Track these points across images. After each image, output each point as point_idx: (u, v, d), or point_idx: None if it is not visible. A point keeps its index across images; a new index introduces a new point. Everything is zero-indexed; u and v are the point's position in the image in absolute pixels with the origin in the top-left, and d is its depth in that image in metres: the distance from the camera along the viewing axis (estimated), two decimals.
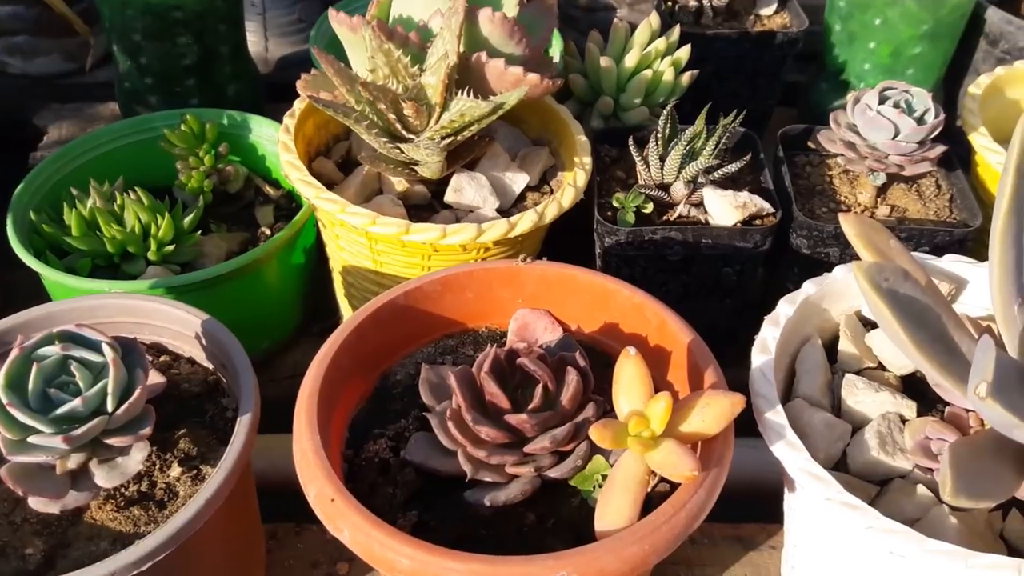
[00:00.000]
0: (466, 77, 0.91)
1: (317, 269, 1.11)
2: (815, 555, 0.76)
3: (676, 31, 1.09)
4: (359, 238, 0.92)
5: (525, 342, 0.81)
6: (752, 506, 0.90)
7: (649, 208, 0.97)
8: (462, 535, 0.68)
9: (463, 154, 0.95)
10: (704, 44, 1.20)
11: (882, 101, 0.94)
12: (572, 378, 0.70)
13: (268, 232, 1.09)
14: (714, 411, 0.66)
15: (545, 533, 0.69)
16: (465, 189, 0.96)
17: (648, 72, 1.05)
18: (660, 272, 0.98)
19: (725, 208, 0.94)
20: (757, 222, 0.96)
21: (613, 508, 0.65)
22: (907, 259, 0.65)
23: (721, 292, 0.99)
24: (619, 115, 1.10)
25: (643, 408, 0.66)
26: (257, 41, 1.52)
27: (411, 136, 0.90)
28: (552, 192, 1.00)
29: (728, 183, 1.02)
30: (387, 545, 0.61)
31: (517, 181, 0.99)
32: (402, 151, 0.89)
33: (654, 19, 1.08)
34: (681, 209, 0.97)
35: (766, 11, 1.27)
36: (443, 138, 0.89)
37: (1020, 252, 0.62)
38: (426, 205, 0.98)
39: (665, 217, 0.98)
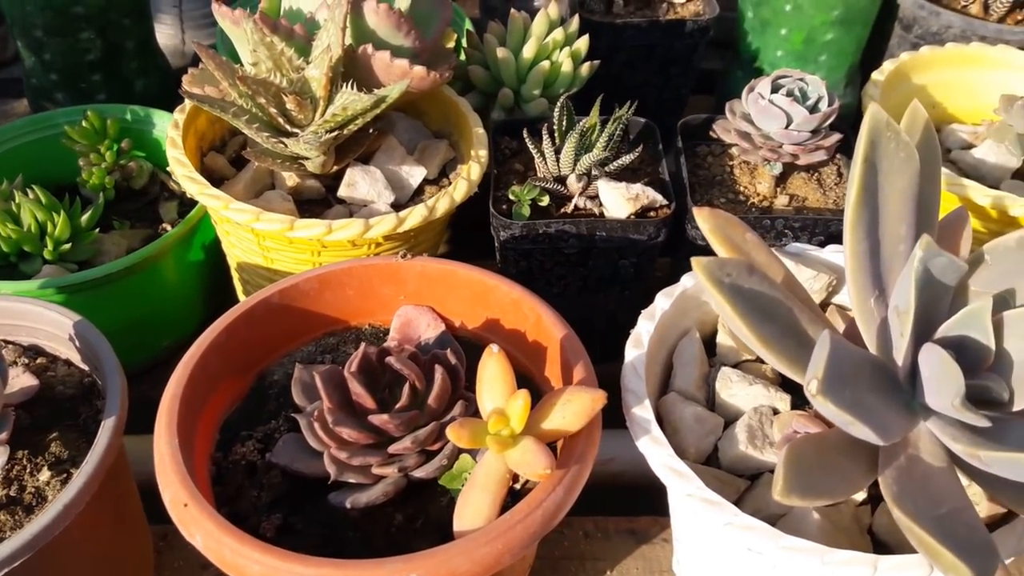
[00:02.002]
0: (354, 70, 0.90)
1: (220, 265, 1.09)
2: (693, 550, 0.76)
3: (575, 21, 1.08)
4: (247, 234, 0.91)
5: (407, 339, 0.81)
6: (651, 499, 0.89)
7: (545, 201, 0.96)
8: (328, 537, 0.68)
9: (354, 148, 0.93)
10: (614, 33, 1.19)
11: (776, 90, 0.94)
12: (439, 376, 0.69)
13: (169, 228, 1.08)
14: (575, 408, 0.66)
15: (413, 534, 0.68)
16: (359, 183, 0.95)
17: (546, 63, 1.04)
18: (558, 265, 0.97)
19: (618, 200, 0.93)
20: (652, 214, 0.95)
21: (471, 508, 0.64)
22: (764, 252, 0.65)
23: (620, 284, 0.99)
24: (521, 107, 1.09)
25: (504, 406, 0.66)
26: (174, 34, 1.50)
27: (296, 130, 0.89)
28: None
29: (628, 175, 1.01)
30: (237, 551, 0.61)
31: (414, 175, 0.98)
32: (286, 145, 0.88)
33: (552, 9, 1.06)
34: (578, 202, 0.96)
35: None
36: (328, 132, 0.88)
37: (876, 243, 0.61)
38: (321, 200, 0.97)
39: (563, 210, 0.97)
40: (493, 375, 0.67)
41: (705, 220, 0.65)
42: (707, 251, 0.96)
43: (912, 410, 0.60)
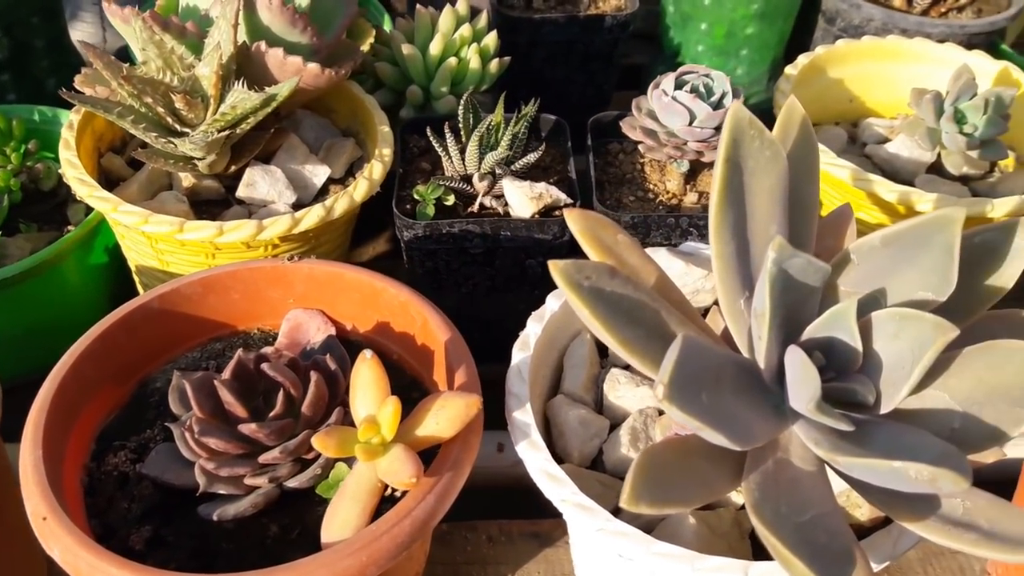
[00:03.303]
0: (250, 68, 0.88)
1: (124, 268, 1.07)
2: (582, 554, 0.75)
3: (483, 17, 1.07)
4: (140, 237, 0.89)
5: (296, 343, 0.79)
6: None
7: (451, 200, 0.94)
8: (200, 550, 0.66)
9: (250, 147, 0.91)
10: (532, 29, 1.18)
11: (680, 86, 0.93)
12: (313, 383, 0.67)
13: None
14: (449, 414, 0.64)
15: (288, 545, 0.66)
16: (258, 183, 0.93)
17: (453, 60, 1.03)
18: (465, 265, 0.95)
19: (522, 200, 0.91)
20: (557, 213, 0.94)
21: (339, 518, 0.62)
22: (636, 254, 0.64)
23: (529, 284, 0.97)
24: (432, 104, 1.07)
25: (376, 413, 0.64)
26: (95, 32, 1.47)
27: (187, 130, 0.87)
28: None
29: (539, 173, 1.00)
30: (95, 566, 0.59)
31: (318, 174, 0.96)
32: (176, 146, 0.86)
33: (461, 5, 1.05)
34: (483, 201, 0.95)
35: None
36: (219, 131, 0.86)
37: (744, 243, 0.60)
38: (221, 200, 0.95)
39: (469, 209, 0.95)
40: (366, 381, 0.65)
41: (575, 221, 0.63)
42: None
43: (782, 413, 0.59)
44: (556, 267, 0.55)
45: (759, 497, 0.55)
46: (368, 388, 0.65)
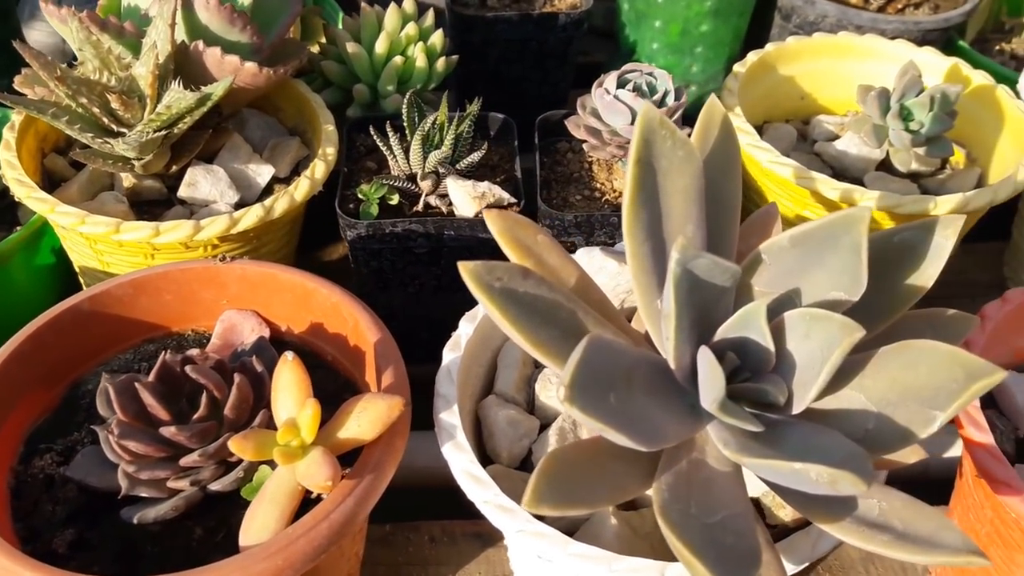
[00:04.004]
0: (189, 67, 0.88)
1: (72, 269, 1.06)
2: (514, 555, 0.75)
3: (429, 16, 1.06)
4: (79, 238, 0.88)
5: (229, 345, 0.79)
6: None
7: (396, 199, 0.94)
8: (125, 552, 0.66)
9: (190, 147, 0.91)
10: (485, 28, 1.18)
11: (623, 85, 0.92)
12: (235, 386, 0.67)
13: None
14: (370, 416, 0.64)
15: (213, 547, 0.66)
16: (200, 183, 0.92)
17: (399, 59, 1.02)
18: (410, 265, 0.95)
19: (465, 199, 0.91)
20: None
21: (258, 521, 0.62)
22: (556, 254, 0.63)
23: None
24: (380, 103, 1.06)
25: (296, 416, 0.64)
26: (52, 33, 1.46)
27: (124, 130, 0.86)
28: None
29: (487, 172, 1.00)
30: (9, 570, 0.59)
31: (261, 173, 0.96)
32: (113, 146, 0.85)
33: (408, 4, 1.04)
34: (428, 200, 0.94)
35: None
36: (155, 131, 0.85)
37: (660, 243, 0.60)
38: (163, 201, 0.95)
39: (415, 209, 0.95)
40: (287, 384, 0.65)
41: (493, 222, 0.63)
42: None
43: (697, 414, 0.58)
44: (466, 268, 0.55)
45: (668, 498, 0.54)
46: (289, 390, 0.65)
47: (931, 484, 0.81)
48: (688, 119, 0.92)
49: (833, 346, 0.52)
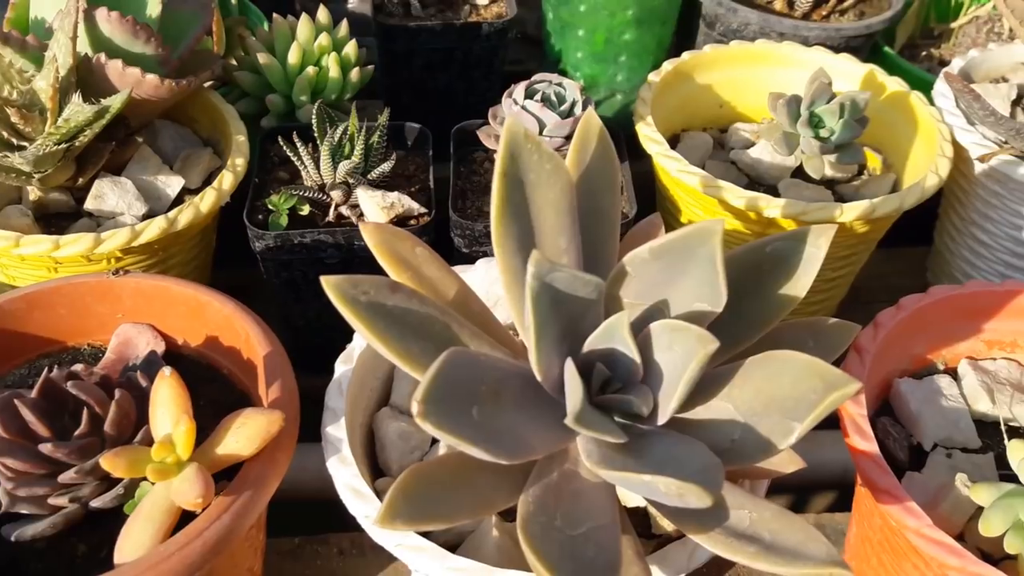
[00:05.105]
0: (93, 80, 0.87)
1: None
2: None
3: (343, 26, 1.06)
4: None
5: (124, 359, 0.78)
6: None
7: (306, 210, 0.94)
8: (8, 570, 0.65)
9: (94, 160, 0.90)
10: (408, 37, 1.17)
11: (531, 95, 0.92)
12: (115, 402, 0.66)
13: None
14: (249, 431, 0.64)
15: (97, 564, 0.65)
16: (107, 195, 0.91)
17: (312, 69, 1.02)
18: (322, 275, 0.94)
19: (374, 209, 0.91)
20: (412, 222, 0.93)
21: (132, 539, 0.61)
22: (435, 266, 0.63)
23: None
24: (296, 113, 1.06)
25: (172, 432, 0.63)
26: None
27: (25, 144, 0.85)
28: None
29: (402, 182, 1.00)
30: None
31: (171, 184, 0.95)
32: (11, 160, 0.85)
33: (322, 14, 1.04)
34: (342, 211, 0.94)
35: (483, 0, 1.24)
36: (56, 144, 0.84)
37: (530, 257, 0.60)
38: (72, 213, 0.94)
39: (327, 220, 0.95)
40: (165, 399, 0.64)
41: (370, 235, 0.63)
42: (470, 259, 0.95)
43: (569, 426, 0.58)
44: (328, 283, 0.55)
45: (532, 510, 0.54)
46: (167, 406, 0.64)
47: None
48: (612, 128, 0.93)
49: (691, 358, 0.52)
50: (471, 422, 0.52)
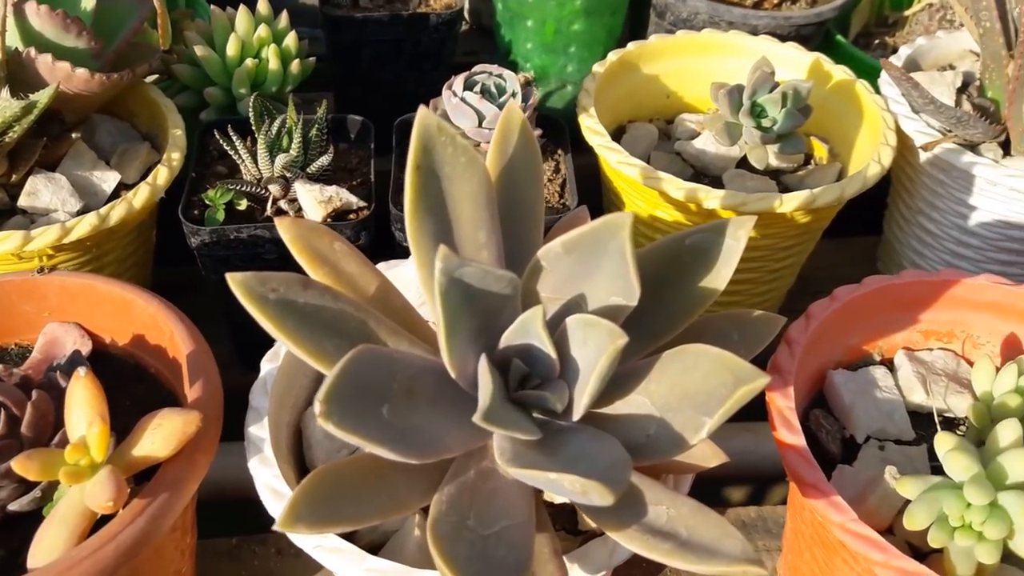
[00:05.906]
0: (23, 75, 0.86)
1: None
2: None
3: (283, 18, 1.05)
4: None
5: (50, 358, 0.77)
6: None
7: (244, 205, 0.92)
8: None
9: (26, 156, 0.89)
10: (355, 29, 1.16)
11: (470, 87, 0.91)
12: (31, 404, 0.65)
13: None
14: (165, 432, 0.63)
15: (17, 568, 0.64)
16: (41, 192, 0.90)
17: (251, 61, 1.01)
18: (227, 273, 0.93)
19: (312, 203, 0.90)
20: (352, 216, 0.92)
21: (46, 543, 0.60)
22: (355, 262, 0.62)
23: None
24: (237, 106, 1.05)
25: (86, 434, 0.62)
26: None
27: None
28: None
29: (345, 175, 0.99)
30: None
31: (107, 180, 0.94)
32: None
33: (262, 6, 1.03)
34: (281, 205, 0.93)
35: None
36: None
37: (452, 250, 0.59)
38: (7, 211, 0.92)
39: (266, 214, 0.93)
40: (80, 401, 0.63)
41: (286, 230, 0.62)
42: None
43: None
44: (234, 280, 0.54)
45: (444, 510, 0.53)
46: (82, 408, 0.63)
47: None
48: (559, 120, 0.92)
49: (602, 352, 0.52)
50: (379, 422, 0.52)
